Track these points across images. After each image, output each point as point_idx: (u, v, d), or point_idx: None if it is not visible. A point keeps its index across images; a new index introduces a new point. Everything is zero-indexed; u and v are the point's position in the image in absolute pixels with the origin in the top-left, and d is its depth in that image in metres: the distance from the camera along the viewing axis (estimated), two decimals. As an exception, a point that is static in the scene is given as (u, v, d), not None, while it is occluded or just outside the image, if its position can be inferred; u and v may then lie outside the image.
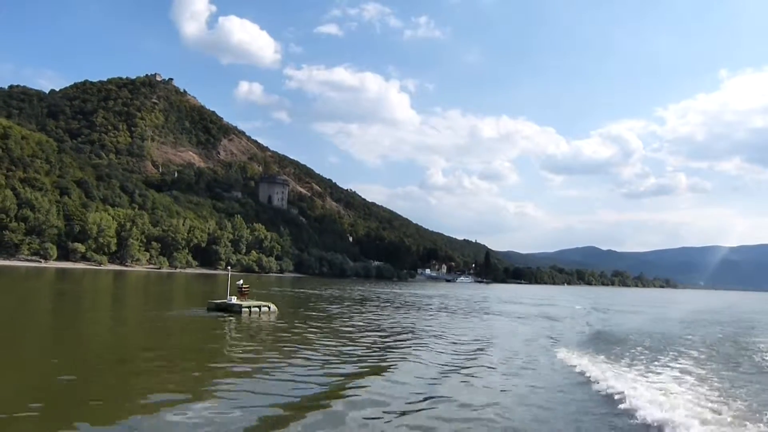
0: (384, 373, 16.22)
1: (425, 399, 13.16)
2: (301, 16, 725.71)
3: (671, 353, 21.93)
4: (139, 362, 16.62)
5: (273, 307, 33.73)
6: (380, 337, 25.79)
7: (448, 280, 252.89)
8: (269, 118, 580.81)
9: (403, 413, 11.84)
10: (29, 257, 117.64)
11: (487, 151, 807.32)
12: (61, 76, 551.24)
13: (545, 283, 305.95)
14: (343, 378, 15.42)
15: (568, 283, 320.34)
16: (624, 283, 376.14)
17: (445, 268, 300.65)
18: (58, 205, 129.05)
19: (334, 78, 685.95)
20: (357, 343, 22.75)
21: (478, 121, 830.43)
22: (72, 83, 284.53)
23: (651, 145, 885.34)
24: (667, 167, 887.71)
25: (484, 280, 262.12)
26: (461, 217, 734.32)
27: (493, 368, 17.92)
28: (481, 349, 22.40)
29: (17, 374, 14.15)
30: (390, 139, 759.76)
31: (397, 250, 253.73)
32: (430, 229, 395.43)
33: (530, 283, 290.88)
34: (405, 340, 24.99)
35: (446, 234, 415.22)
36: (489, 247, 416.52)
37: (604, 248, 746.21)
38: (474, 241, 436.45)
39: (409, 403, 12.74)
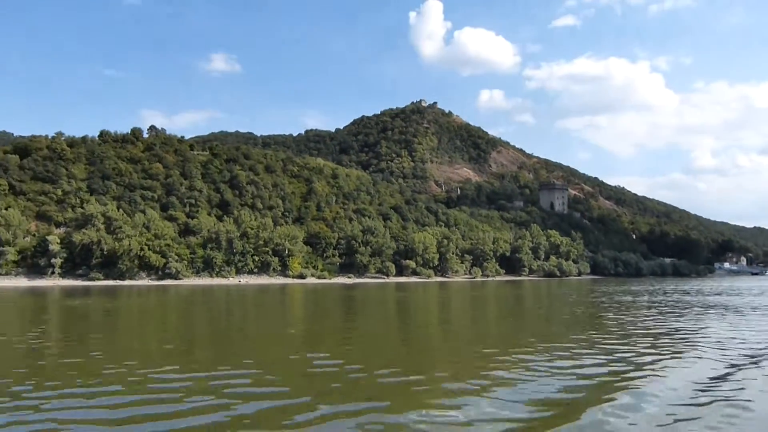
0: None
1: None
2: (535, 14, 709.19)
3: None
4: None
5: None
6: None
7: (754, 273, 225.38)
8: (512, 122, 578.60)
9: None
10: (375, 274, 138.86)
11: (766, 123, 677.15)
12: (323, 113, 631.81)
13: None
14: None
15: None
16: None
17: (744, 260, 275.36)
18: (385, 229, 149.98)
19: (576, 70, 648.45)
20: None
21: (750, 90, 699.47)
22: (351, 120, 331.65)
23: None
24: None
25: None
26: (738, 201, 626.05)
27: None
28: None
29: None
30: (644, 125, 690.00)
31: (687, 245, 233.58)
32: (707, 217, 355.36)
33: None
34: None
35: (730, 222, 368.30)
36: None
37: None
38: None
39: None
